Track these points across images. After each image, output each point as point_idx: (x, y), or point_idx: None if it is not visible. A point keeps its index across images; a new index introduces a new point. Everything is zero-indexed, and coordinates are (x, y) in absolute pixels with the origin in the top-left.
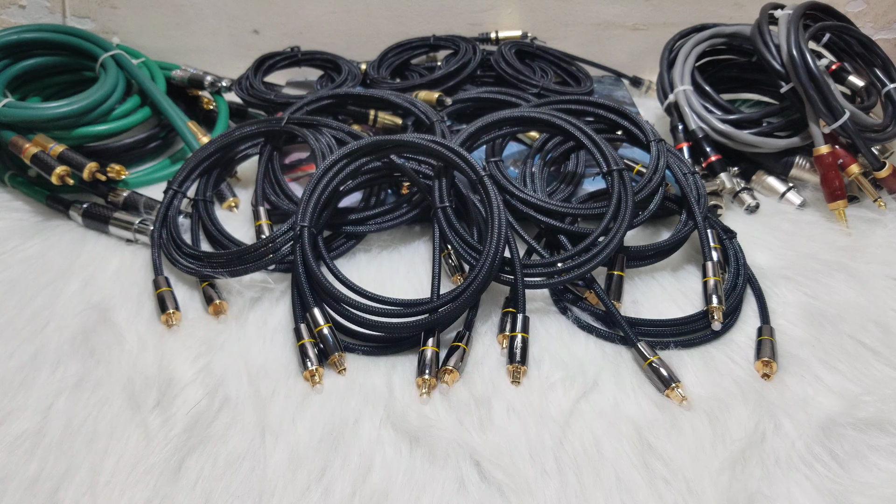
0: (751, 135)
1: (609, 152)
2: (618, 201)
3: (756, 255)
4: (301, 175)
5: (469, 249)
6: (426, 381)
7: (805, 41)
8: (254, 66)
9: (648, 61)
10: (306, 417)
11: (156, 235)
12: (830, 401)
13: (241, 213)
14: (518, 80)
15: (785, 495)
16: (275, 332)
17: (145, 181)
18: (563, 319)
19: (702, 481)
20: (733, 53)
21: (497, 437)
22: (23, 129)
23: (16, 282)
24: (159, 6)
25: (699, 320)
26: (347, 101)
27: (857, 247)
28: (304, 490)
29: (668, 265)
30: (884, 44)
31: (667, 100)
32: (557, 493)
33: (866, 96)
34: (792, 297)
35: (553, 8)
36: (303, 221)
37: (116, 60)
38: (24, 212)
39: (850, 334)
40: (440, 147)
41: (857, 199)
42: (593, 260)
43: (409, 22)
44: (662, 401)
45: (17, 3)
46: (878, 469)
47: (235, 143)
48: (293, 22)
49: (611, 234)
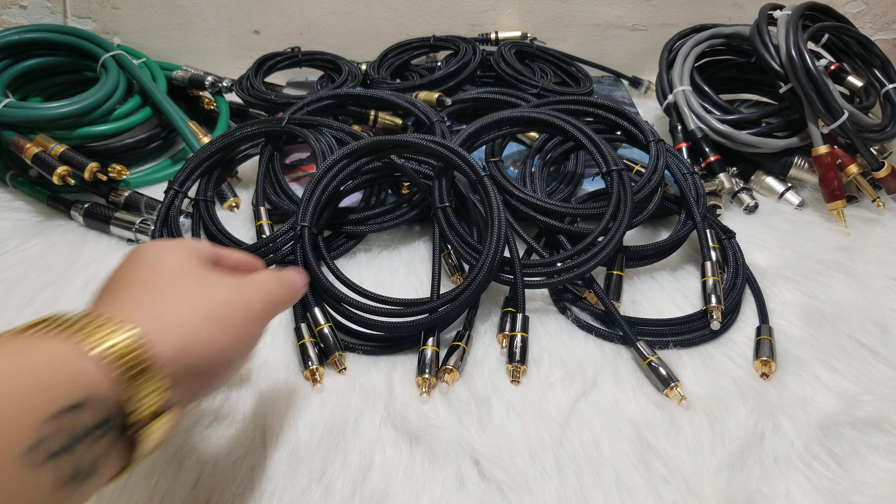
0: (750, 135)
1: (608, 152)
2: (617, 201)
3: (755, 254)
4: (301, 175)
5: (469, 249)
6: (426, 381)
7: (804, 41)
8: (254, 67)
9: (648, 62)
10: (306, 417)
11: (157, 235)
12: (829, 400)
13: (242, 213)
14: (518, 81)
15: (784, 494)
16: (275, 332)
17: (146, 181)
18: (562, 319)
19: (701, 480)
20: (732, 54)
21: (497, 437)
22: (24, 130)
23: (17, 281)
24: (160, 7)
25: (698, 320)
26: (348, 102)
27: (855, 247)
28: (304, 489)
29: (667, 265)
30: (883, 44)
31: (666, 100)
32: (557, 492)
33: (865, 97)
34: (791, 297)
35: (553, 9)
36: (303, 221)
37: (117, 61)
38: (25, 212)
39: (848, 334)
40: (440, 147)
41: (856, 199)
42: (593, 260)
43: (409, 23)
44: (662, 400)
45: (19, 4)
46: (876, 468)
47: (236, 144)
48: (294, 22)
49: (610, 233)
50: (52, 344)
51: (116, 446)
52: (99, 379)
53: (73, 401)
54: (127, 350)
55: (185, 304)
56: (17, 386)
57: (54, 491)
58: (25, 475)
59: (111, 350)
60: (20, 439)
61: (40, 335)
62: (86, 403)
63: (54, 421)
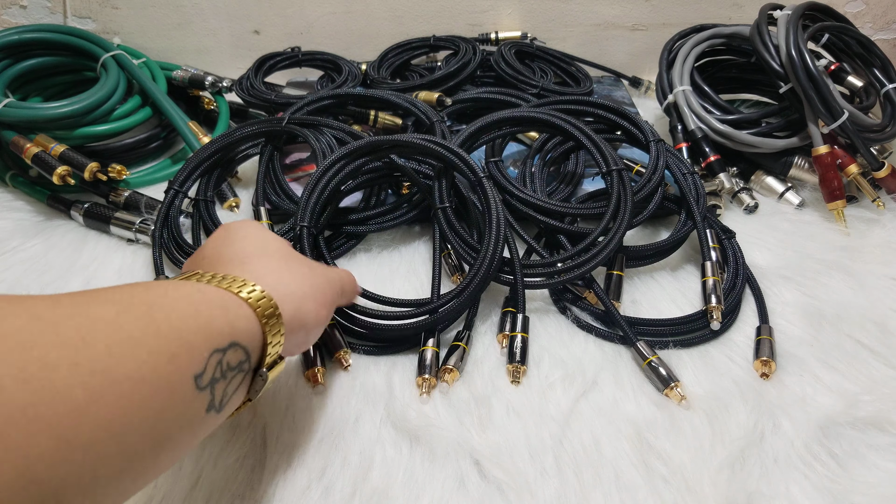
0: (750, 135)
1: (609, 152)
2: (617, 201)
3: (755, 254)
4: (301, 175)
5: (469, 249)
6: (426, 381)
7: (804, 41)
8: (254, 67)
9: (648, 62)
10: (306, 417)
11: (157, 235)
12: (829, 400)
13: (242, 213)
14: (518, 81)
15: (784, 494)
16: None
17: (146, 181)
18: (562, 319)
19: (701, 480)
20: (732, 54)
21: (497, 436)
22: (24, 129)
23: (17, 281)
24: (160, 6)
25: (698, 320)
26: (348, 102)
27: (855, 247)
28: (304, 489)
29: (667, 265)
30: (883, 44)
31: (666, 100)
32: (557, 491)
33: (865, 96)
34: (790, 297)
35: (553, 8)
36: (302, 221)
37: (117, 61)
38: (25, 212)
39: (848, 334)
40: (439, 147)
41: (856, 199)
42: (593, 260)
43: (409, 22)
44: (662, 400)
45: (19, 4)
46: (876, 468)
47: (236, 144)
48: (294, 22)
49: (610, 233)
50: (211, 289)
51: (243, 384)
52: (246, 323)
53: (229, 341)
54: (264, 296)
55: (294, 278)
56: (195, 320)
57: (203, 415)
58: (193, 396)
59: (252, 295)
60: (195, 365)
61: (201, 281)
62: (237, 344)
63: (216, 354)
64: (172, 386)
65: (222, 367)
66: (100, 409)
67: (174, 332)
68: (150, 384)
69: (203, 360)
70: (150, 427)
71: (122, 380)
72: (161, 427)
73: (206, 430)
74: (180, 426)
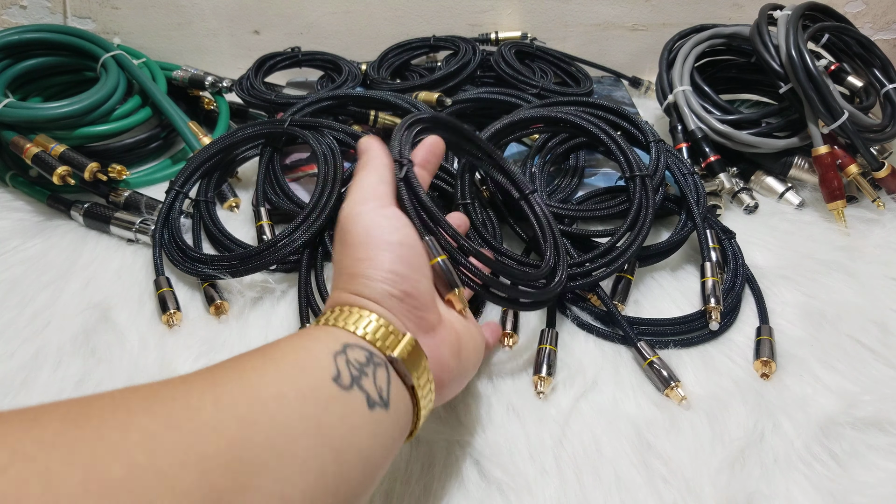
0: (750, 135)
1: (633, 157)
2: (638, 207)
3: (755, 254)
4: (301, 175)
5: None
6: (542, 380)
7: (804, 42)
8: (254, 67)
9: (648, 62)
10: None
11: (157, 235)
12: (829, 400)
13: (242, 214)
14: (518, 81)
15: (784, 494)
16: (276, 332)
17: (146, 181)
18: (562, 319)
19: (701, 480)
20: (732, 54)
21: (497, 436)
22: (24, 130)
23: (17, 281)
24: (160, 7)
25: (698, 320)
26: (348, 102)
27: (855, 247)
28: None
29: (667, 265)
30: (883, 44)
31: (666, 100)
32: (557, 491)
33: (865, 97)
34: (791, 297)
35: (553, 9)
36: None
37: (117, 61)
38: (25, 212)
39: (848, 334)
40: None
41: (856, 199)
42: (611, 265)
43: (409, 23)
44: (662, 400)
45: (19, 4)
46: (876, 468)
47: (237, 145)
48: (294, 22)
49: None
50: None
51: (395, 380)
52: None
53: (340, 345)
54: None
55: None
56: (303, 349)
57: (367, 411)
58: (342, 395)
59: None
60: (327, 370)
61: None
62: (350, 346)
63: (338, 356)
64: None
65: (351, 364)
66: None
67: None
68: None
69: (330, 364)
70: (324, 439)
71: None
72: (335, 437)
73: (385, 431)
74: (352, 431)
